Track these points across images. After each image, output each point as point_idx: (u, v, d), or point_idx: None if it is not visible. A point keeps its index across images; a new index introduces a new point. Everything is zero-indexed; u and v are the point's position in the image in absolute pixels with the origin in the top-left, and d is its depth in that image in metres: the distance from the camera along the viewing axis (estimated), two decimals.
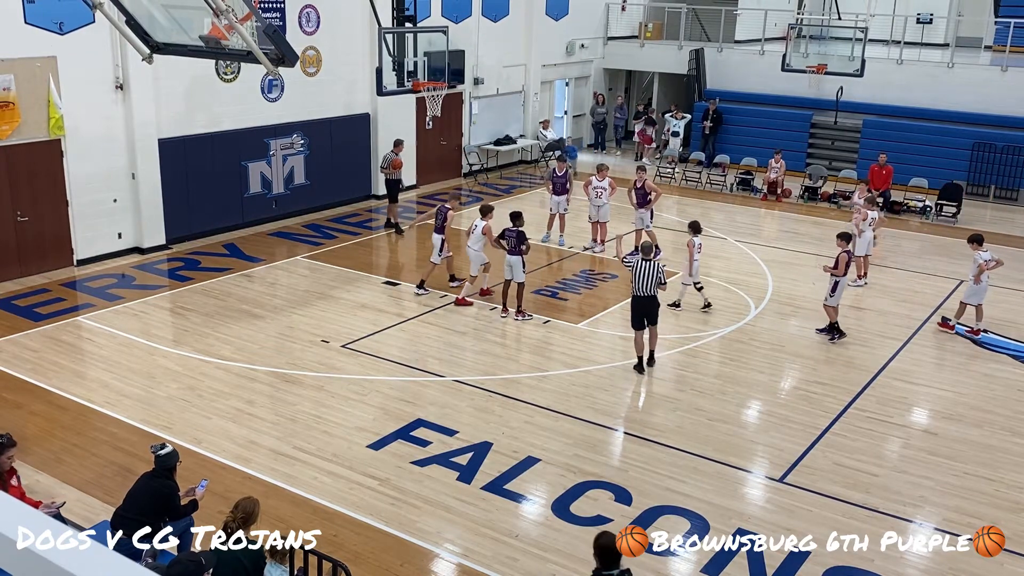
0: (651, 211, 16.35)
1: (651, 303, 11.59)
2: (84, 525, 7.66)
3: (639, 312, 11.58)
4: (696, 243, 13.61)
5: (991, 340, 13.01)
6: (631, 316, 11.76)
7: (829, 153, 23.33)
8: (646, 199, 16.10)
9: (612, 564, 5.80)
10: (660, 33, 27.08)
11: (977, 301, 13.13)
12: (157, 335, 12.48)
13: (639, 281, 11.48)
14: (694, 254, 13.59)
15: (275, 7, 17.31)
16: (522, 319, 13.23)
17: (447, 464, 9.26)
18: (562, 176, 16.98)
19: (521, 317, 13.25)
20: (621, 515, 8.42)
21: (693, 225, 13.86)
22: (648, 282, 11.48)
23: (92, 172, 14.94)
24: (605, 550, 5.81)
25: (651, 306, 11.60)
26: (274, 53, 7.47)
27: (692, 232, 13.73)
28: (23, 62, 13.74)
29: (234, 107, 16.93)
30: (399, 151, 17.72)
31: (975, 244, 13.32)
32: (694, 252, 13.58)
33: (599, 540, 5.90)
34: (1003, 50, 22.48)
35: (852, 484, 9.11)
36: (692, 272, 13.67)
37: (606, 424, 10.29)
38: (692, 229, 13.78)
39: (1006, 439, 10.19)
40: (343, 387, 10.95)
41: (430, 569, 7.79)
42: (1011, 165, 21.05)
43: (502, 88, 23.39)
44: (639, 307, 11.58)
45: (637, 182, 16.17)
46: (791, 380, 11.75)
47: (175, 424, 9.93)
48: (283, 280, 14.91)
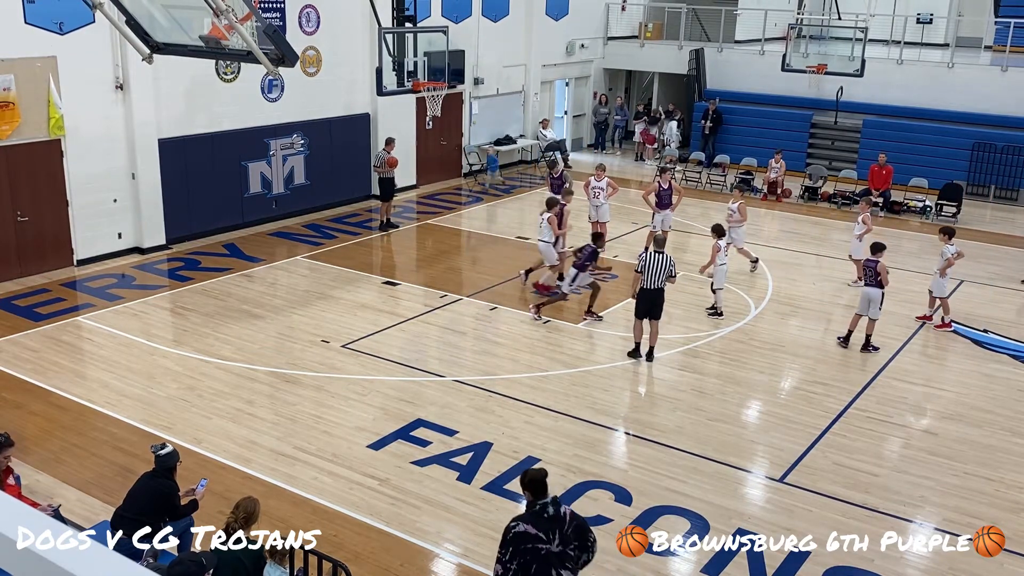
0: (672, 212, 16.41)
1: (658, 296, 11.80)
2: (84, 525, 7.65)
3: (644, 303, 11.81)
4: (721, 246, 13.50)
5: (991, 340, 13.01)
6: (636, 306, 11.94)
7: (829, 153, 23.33)
8: (670, 200, 16.13)
9: (542, 494, 5.83)
10: (660, 33, 27.08)
11: (941, 294, 13.25)
12: (157, 335, 12.48)
13: (648, 274, 11.66)
14: (719, 258, 13.43)
15: (275, 7, 17.31)
16: (538, 318, 13.24)
17: (447, 464, 9.26)
18: (558, 178, 16.99)
19: (537, 315, 13.27)
20: (621, 515, 8.42)
21: (716, 228, 13.75)
22: (658, 275, 11.66)
23: (92, 172, 14.94)
24: (533, 482, 5.86)
25: (657, 299, 11.80)
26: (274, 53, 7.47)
27: (716, 236, 13.61)
28: (23, 62, 13.74)
29: (234, 107, 16.93)
30: (391, 149, 17.74)
31: (945, 236, 13.43)
32: (719, 256, 13.41)
33: (525, 475, 5.96)
34: (1003, 50, 22.49)
35: (852, 484, 9.11)
36: (714, 274, 13.53)
37: (606, 424, 10.29)
38: (716, 232, 13.66)
39: (1006, 439, 10.19)
40: (343, 387, 10.95)
41: (430, 569, 7.79)
42: (1011, 165, 21.05)
43: (502, 88, 23.39)
44: (645, 298, 11.79)
45: (662, 183, 16.13)
46: (791, 380, 11.75)
47: (175, 424, 9.93)
48: (283, 280, 14.91)
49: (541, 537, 5.63)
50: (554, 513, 5.73)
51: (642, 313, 11.84)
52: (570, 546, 5.71)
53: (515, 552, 5.63)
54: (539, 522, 5.68)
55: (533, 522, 5.69)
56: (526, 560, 5.62)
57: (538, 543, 5.62)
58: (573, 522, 5.76)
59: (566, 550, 5.68)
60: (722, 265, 13.45)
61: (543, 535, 5.63)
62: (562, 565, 5.66)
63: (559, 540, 5.66)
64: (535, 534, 5.64)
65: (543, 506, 5.74)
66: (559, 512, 5.75)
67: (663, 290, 11.83)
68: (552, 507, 5.74)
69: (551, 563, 5.62)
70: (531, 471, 5.97)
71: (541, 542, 5.62)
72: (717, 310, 13.57)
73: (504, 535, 5.75)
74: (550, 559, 5.62)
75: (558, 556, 5.64)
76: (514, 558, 5.63)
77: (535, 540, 5.62)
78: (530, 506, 5.84)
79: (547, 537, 5.64)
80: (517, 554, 5.62)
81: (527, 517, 5.76)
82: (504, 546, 5.72)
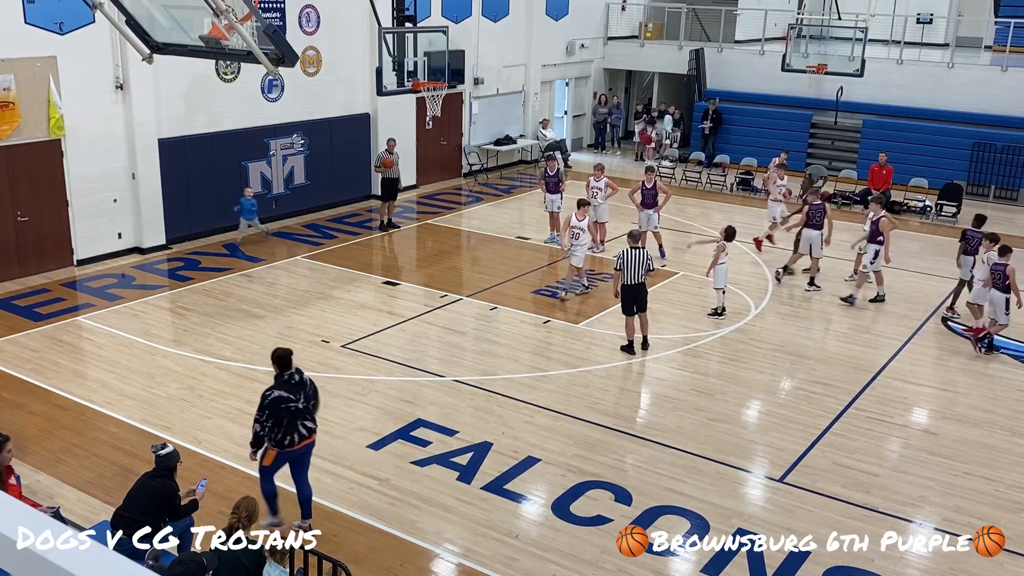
0: (659, 213, 16.26)
1: (640, 290, 12.06)
2: (84, 525, 7.65)
3: (628, 299, 12.06)
4: (726, 246, 13.34)
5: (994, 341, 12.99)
6: (621, 303, 12.18)
7: (829, 153, 23.33)
8: (655, 200, 16.07)
9: (287, 367, 7.65)
10: (660, 33, 27.08)
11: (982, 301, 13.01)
12: (157, 335, 12.48)
13: (628, 270, 11.93)
14: (721, 257, 13.33)
15: (275, 7, 17.31)
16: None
17: (447, 464, 9.25)
18: (554, 175, 16.99)
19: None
20: (621, 515, 8.42)
21: (728, 230, 13.48)
22: (637, 270, 11.93)
23: (92, 172, 14.94)
24: (280, 359, 7.68)
25: (640, 293, 12.07)
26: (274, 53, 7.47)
27: (725, 237, 13.38)
28: (23, 62, 13.74)
29: (234, 107, 16.93)
30: (391, 149, 17.75)
31: (991, 243, 12.80)
32: (722, 255, 13.31)
33: (273, 353, 7.76)
34: (1003, 50, 22.48)
35: (852, 484, 9.11)
36: (712, 275, 13.51)
37: (606, 424, 10.28)
38: (727, 234, 13.39)
39: (1006, 439, 10.19)
40: (343, 387, 10.95)
41: (430, 569, 7.79)
42: (1011, 165, 21.05)
43: (502, 88, 23.39)
44: (628, 294, 12.04)
45: (647, 182, 16.11)
46: (791, 380, 11.75)
47: (175, 424, 9.93)
48: (283, 280, 14.91)
49: (291, 398, 7.57)
50: (299, 380, 7.67)
51: (629, 310, 12.09)
52: (310, 403, 7.74)
53: (272, 412, 7.51)
54: (288, 387, 7.60)
55: (284, 388, 7.58)
56: (279, 416, 7.51)
57: (289, 403, 7.55)
58: (312, 387, 7.81)
59: (308, 406, 7.70)
60: (722, 264, 13.45)
61: (292, 396, 7.58)
62: (304, 417, 7.67)
63: (303, 399, 7.64)
64: (287, 396, 7.55)
65: (290, 375, 7.65)
66: (302, 379, 7.70)
67: (644, 284, 12.10)
68: (296, 375, 7.66)
69: (298, 416, 7.61)
70: (277, 349, 7.80)
71: (291, 402, 7.56)
72: (718, 310, 13.57)
73: (261, 402, 7.56)
74: (298, 413, 7.60)
75: (303, 411, 7.65)
76: (270, 417, 7.52)
77: (287, 401, 7.54)
78: (278, 377, 7.65)
79: (295, 397, 7.59)
80: (273, 413, 7.51)
81: (279, 385, 7.60)
82: (262, 409, 7.55)
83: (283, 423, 7.53)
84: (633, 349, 12.16)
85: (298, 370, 7.67)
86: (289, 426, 7.56)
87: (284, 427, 7.55)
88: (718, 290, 13.57)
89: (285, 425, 7.54)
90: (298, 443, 7.66)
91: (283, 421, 7.52)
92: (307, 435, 7.72)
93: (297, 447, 7.68)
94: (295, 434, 7.61)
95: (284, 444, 7.61)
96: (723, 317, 13.48)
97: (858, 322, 13.70)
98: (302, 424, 7.63)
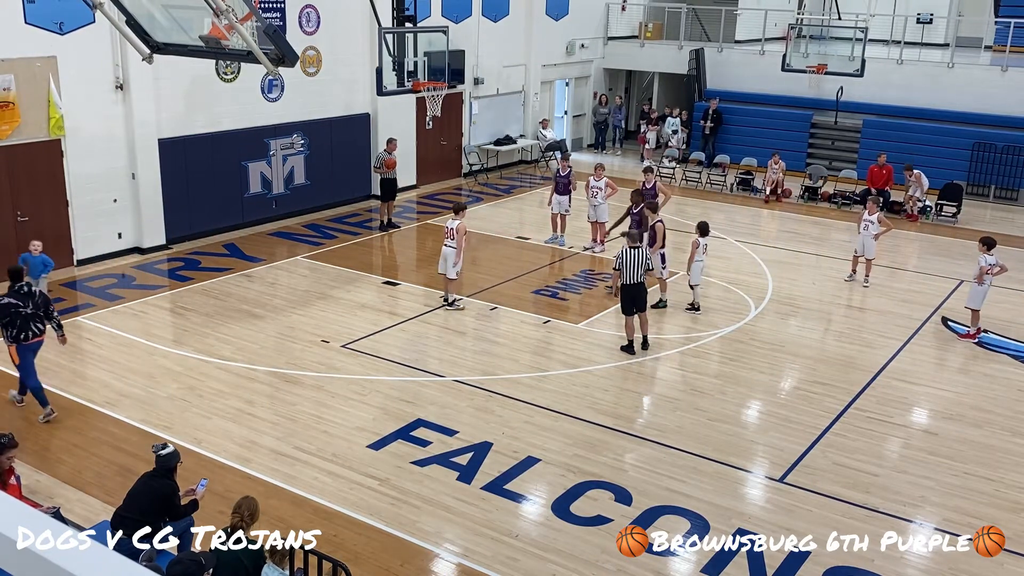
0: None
1: (639, 289, 12.08)
2: (84, 525, 7.66)
3: (628, 299, 12.08)
4: (701, 244, 13.55)
5: (991, 340, 13.00)
6: (621, 303, 12.20)
7: (829, 153, 23.33)
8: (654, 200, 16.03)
9: (19, 280, 9.71)
10: (660, 33, 27.07)
11: (976, 305, 13.04)
12: (157, 335, 12.48)
13: (627, 270, 11.95)
14: (697, 255, 13.53)
15: (275, 7, 17.31)
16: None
17: (447, 464, 9.26)
18: (565, 176, 16.97)
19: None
20: (621, 515, 8.42)
21: (701, 226, 13.76)
22: (636, 270, 11.96)
23: (92, 172, 14.94)
24: (10, 273, 9.80)
25: (639, 292, 12.09)
26: (274, 53, 7.46)
27: (699, 233, 13.65)
28: (23, 62, 13.74)
29: (234, 107, 16.92)
30: (391, 149, 17.73)
31: (984, 247, 13.11)
32: (697, 253, 13.52)
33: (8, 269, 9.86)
34: (1003, 50, 22.48)
35: (852, 484, 9.11)
36: (690, 272, 13.63)
37: (606, 424, 10.28)
38: (700, 230, 13.68)
39: (1006, 439, 10.19)
40: (343, 387, 10.95)
41: (430, 569, 7.79)
42: (1011, 165, 21.04)
43: (502, 88, 23.39)
44: (628, 294, 12.06)
45: (646, 183, 16.09)
46: (791, 380, 11.75)
47: (175, 424, 9.93)
48: (283, 280, 14.91)
49: (20, 304, 9.62)
50: (28, 291, 9.72)
51: (628, 310, 12.11)
52: (40, 311, 9.77)
53: (2, 314, 9.55)
54: (18, 296, 9.63)
55: (14, 296, 9.60)
56: (12, 318, 9.57)
57: (19, 308, 9.61)
58: (41, 297, 9.88)
59: (37, 312, 9.74)
60: (699, 262, 13.53)
61: (21, 303, 9.62)
62: (35, 321, 9.72)
63: (32, 306, 9.68)
64: (16, 302, 9.59)
65: (20, 287, 9.67)
66: (31, 290, 9.78)
67: (643, 284, 12.11)
68: (26, 287, 9.73)
69: (29, 319, 9.66)
70: (9, 266, 10.03)
71: (21, 308, 9.62)
72: (694, 305, 13.65)
73: None
74: (28, 317, 9.66)
75: (32, 316, 9.70)
76: (3, 319, 9.56)
77: (17, 307, 9.60)
78: (10, 288, 9.65)
79: (24, 304, 9.63)
80: (4, 315, 9.55)
81: (9, 295, 9.64)
82: None
83: (16, 324, 9.63)
84: (633, 349, 12.16)
85: (28, 283, 9.89)
86: (22, 326, 9.66)
87: (18, 327, 9.63)
88: (694, 287, 13.64)
89: (19, 325, 9.64)
90: (32, 339, 9.78)
91: (16, 322, 9.63)
92: (39, 333, 9.85)
93: (32, 341, 9.79)
94: (28, 331, 9.72)
95: (20, 339, 9.67)
96: (699, 312, 13.55)
97: (858, 322, 13.70)
98: (34, 324, 9.75)
